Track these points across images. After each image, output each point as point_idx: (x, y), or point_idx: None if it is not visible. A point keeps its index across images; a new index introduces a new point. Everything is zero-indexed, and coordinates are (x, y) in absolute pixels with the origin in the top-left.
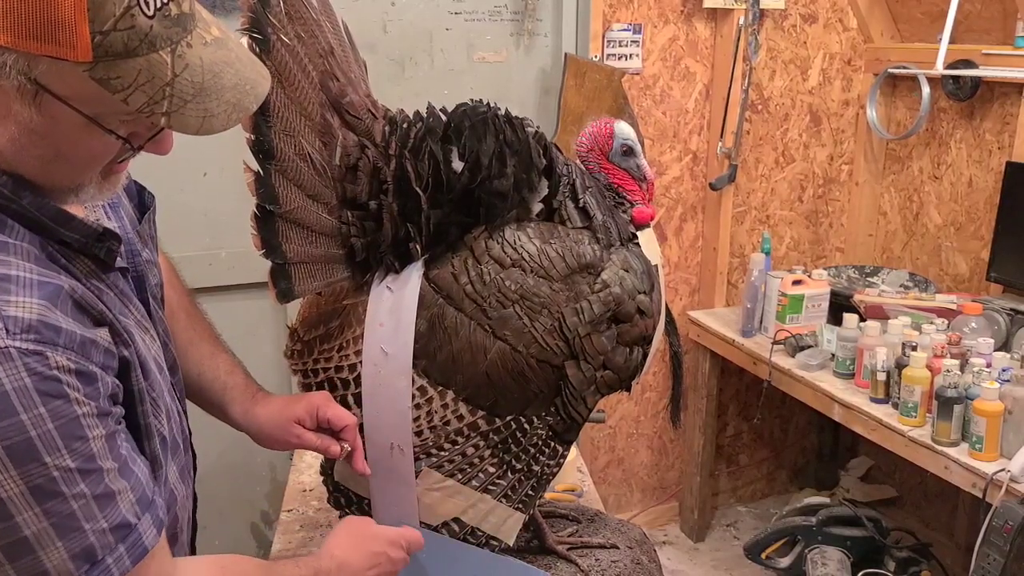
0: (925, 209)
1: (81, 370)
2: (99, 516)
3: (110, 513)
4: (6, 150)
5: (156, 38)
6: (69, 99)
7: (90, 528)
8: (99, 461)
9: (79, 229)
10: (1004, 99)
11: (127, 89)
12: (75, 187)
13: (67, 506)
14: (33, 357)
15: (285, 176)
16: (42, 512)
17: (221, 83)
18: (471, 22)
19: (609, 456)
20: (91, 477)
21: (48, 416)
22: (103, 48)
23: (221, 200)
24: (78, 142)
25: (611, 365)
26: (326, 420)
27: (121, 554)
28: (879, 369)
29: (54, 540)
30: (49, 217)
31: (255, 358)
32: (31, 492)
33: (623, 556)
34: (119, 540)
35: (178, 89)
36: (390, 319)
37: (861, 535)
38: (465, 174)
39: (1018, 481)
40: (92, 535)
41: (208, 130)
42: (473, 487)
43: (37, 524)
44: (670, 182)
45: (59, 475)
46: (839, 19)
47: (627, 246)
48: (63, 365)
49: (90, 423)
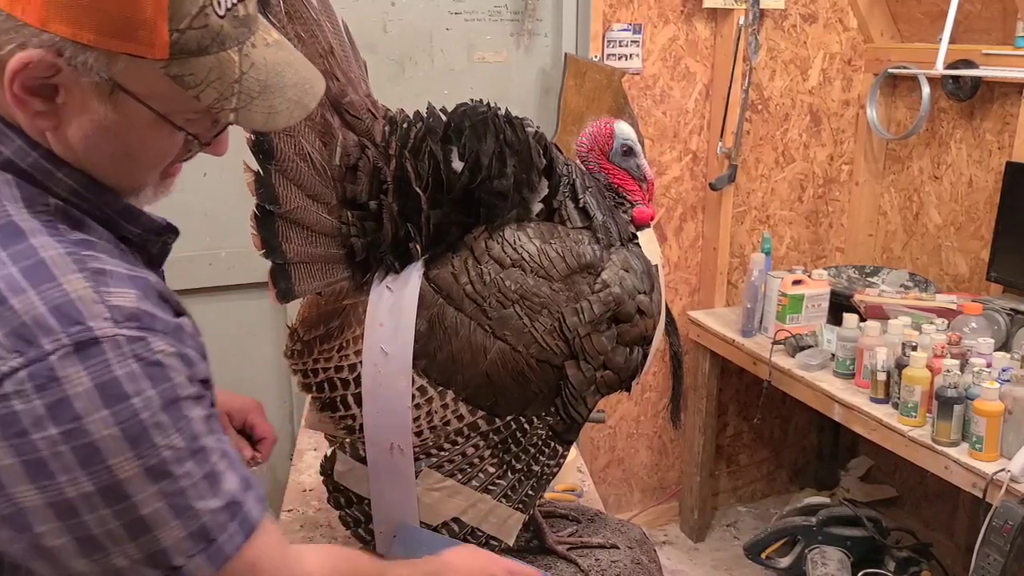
0: (925, 209)
1: (180, 353)
2: (209, 495)
3: (219, 491)
4: (78, 148)
5: (226, 37)
6: (143, 97)
7: (202, 507)
8: (203, 440)
9: (146, 224)
10: (1004, 99)
11: (199, 86)
12: (138, 187)
13: (178, 485)
14: (138, 343)
15: (285, 176)
16: (157, 492)
17: (283, 81)
18: (471, 22)
19: (609, 456)
20: (198, 456)
21: (156, 398)
22: (179, 46)
23: (221, 200)
24: (147, 140)
25: (611, 365)
26: (250, 426)
27: (233, 531)
28: (879, 369)
29: (169, 519)
30: (118, 213)
31: (255, 358)
32: (146, 472)
33: (623, 556)
34: (230, 518)
35: (245, 86)
36: (390, 319)
37: (861, 535)
38: (465, 174)
39: (1018, 481)
40: (205, 514)
41: (273, 126)
42: (473, 487)
43: (153, 503)
44: (670, 182)
45: (170, 455)
46: (839, 19)
47: (627, 246)
48: (164, 349)
49: (192, 404)
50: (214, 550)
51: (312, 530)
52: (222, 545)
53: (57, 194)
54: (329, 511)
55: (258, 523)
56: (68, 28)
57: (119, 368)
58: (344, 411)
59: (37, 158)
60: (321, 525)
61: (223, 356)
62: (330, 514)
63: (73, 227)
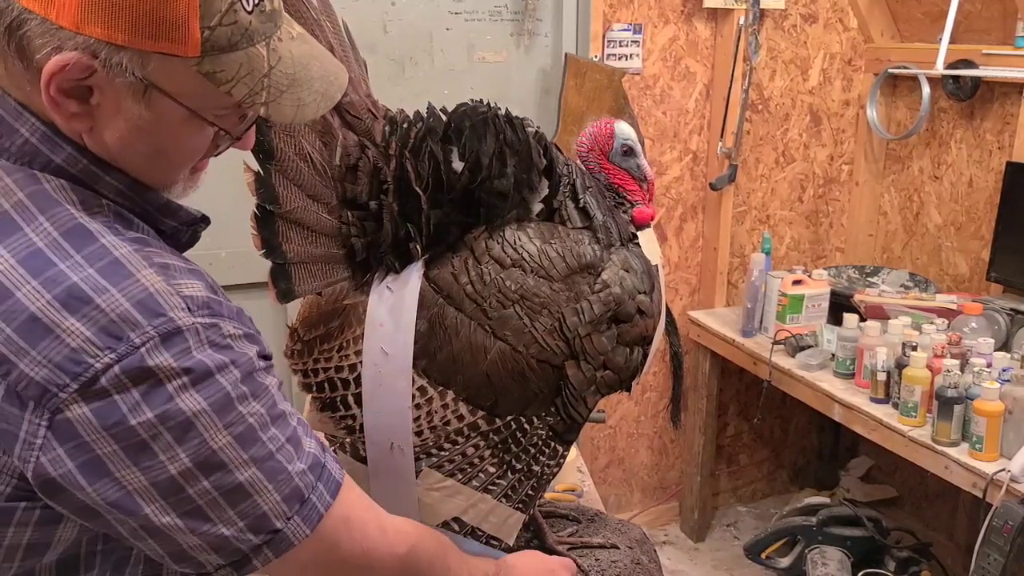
0: (925, 209)
1: (247, 334)
2: (295, 457)
3: (302, 454)
4: (114, 148)
5: (254, 33)
6: (176, 95)
7: (292, 469)
8: (281, 405)
9: (183, 218)
10: (1004, 99)
11: (231, 82)
12: (170, 183)
13: (267, 449)
14: (212, 329)
15: (285, 176)
16: (249, 458)
17: (310, 74)
18: (471, 22)
19: (609, 456)
20: (280, 422)
21: (236, 373)
22: (210, 43)
23: (221, 200)
24: (179, 137)
25: (611, 365)
26: None
27: (321, 491)
28: (879, 369)
29: (266, 484)
30: (158, 209)
31: None
32: (237, 440)
33: (623, 556)
34: (316, 478)
35: (274, 80)
36: (390, 319)
37: (861, 535)
38: (465, 174)
39: (1018, 481)
40: (296, 476)
41: (302, 118)
42: (473, 487)
43: (247, 470)
44: (670, 182)
45: (255, 421)
46: (839, 19)
47: (627, 246)
48: (233, 333)
49: (264, 375)
50: (308, 510)
51: None
52: (315, 504)
53: (106, 196)
54: None
55: (342, 481)
56: (102, 30)
57: (200, 352)
58: (344, 411)
59: (87, 164)
60: None
61: None
62: None
63: (127, 227)
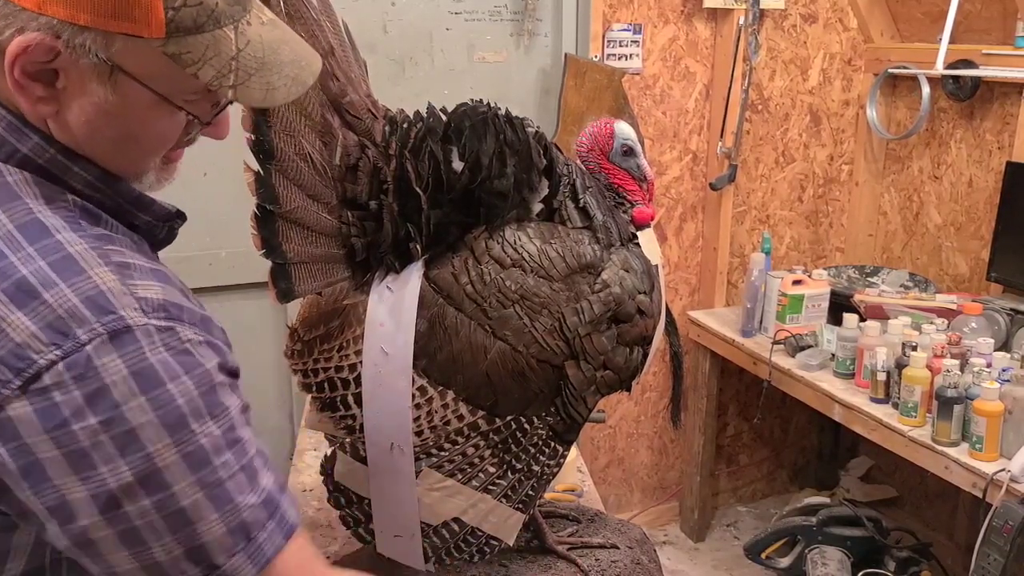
0: (925, 209)
1: (209, 342)
2: (247, 490)
3: (257, 487)
4: (80, 133)
5: (221, 15)
6: (142, 77)
7: (242, 501)
8: (239, 431)
9: (157, 212)
10: (1004, 99)
11: (197, 63)
12: (140, 172)
13: (217, 476)
14: (167, 333)
15: (285, 176)
16: (196, 481)
17: (280, 58)
18: (471, 22)
19: (609, 456)
20: (236, 447)
21: (192, 385)
22: (175, 24)
23: (221, 200)
24: (148, 122)
25: (611, 365)
26: None
27: (272, 531)
28: (879, 369)
29: (209, 512)
30: (130, 203)
31: (255, 358)
32: (184, 460)
33: (623, 556)
34: (268, 516)
35: (243, 63)
36: (390, 319)
37: (861, 535)
38: (465, 174)
39: (1018, 481)
40: (245, 510)
41: (272, 102)
42: (473, 487)
43: (192, 494)
44: (670, 182)
45: (207, 442)
46: (839, 19)
47: (627, 246)
48: (192, 338)
49: (226, 393)
50: (254, 549)
51: (312, 530)
52: (262, 544)
53: (74, 188)
54: (329, 511)
55: (296, 526)
56: (64, 10)
57: (152, 356)
58: (344, 411)
59: (54, 154)
60: (321, 525)
61: None
62: (330, 514)
63: (93, 223)
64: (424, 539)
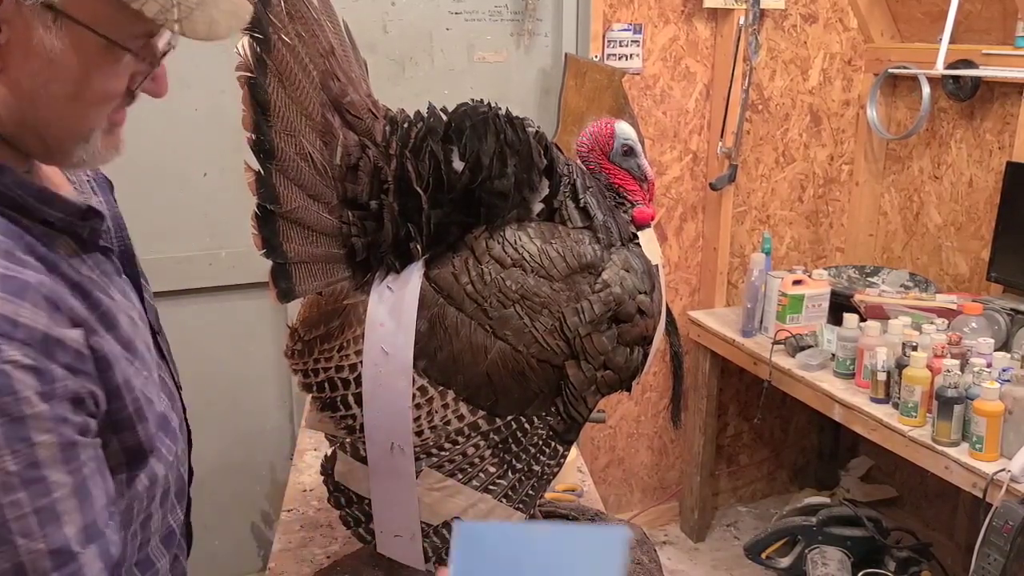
0: (925, 209)
1: (38, 368)
2: (36, 533)
3: (50, 533)
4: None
5: None
6: (87, 20)
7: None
8: (45, 470)
9: (63, 207)
10: (1004, 99)
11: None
12: (85, 134)
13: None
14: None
15: (286, 176)
16: None
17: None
18: (471, 22)
19: (609, 456)
20: (33, 487)
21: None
22: None
23: (221, 200)
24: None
25: (611, 365)
26: None
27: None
28: (879, 369)
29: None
30: (32, 196)
31: (255, 358)
32: None
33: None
34: (55, 567)
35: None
36: (390, 319)
37: (861, 535)
38: (466, 174)
39: (1018, 481)
40: (24, 554)
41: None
42: (474, 487)
43: None
44: (670, 182)
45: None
46: (839, 19)
47: (628, 246)
48: (15, 360)
49: (39, 426)
50: None
51: (312, 530)
52: None
53: None
54: (329, 511)
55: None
56: None
57: None
58: (344, 411)
59: None
60: (321, 525)
61: (223, 356)
62: (330, 514)
63: None
64: (424, 539)
